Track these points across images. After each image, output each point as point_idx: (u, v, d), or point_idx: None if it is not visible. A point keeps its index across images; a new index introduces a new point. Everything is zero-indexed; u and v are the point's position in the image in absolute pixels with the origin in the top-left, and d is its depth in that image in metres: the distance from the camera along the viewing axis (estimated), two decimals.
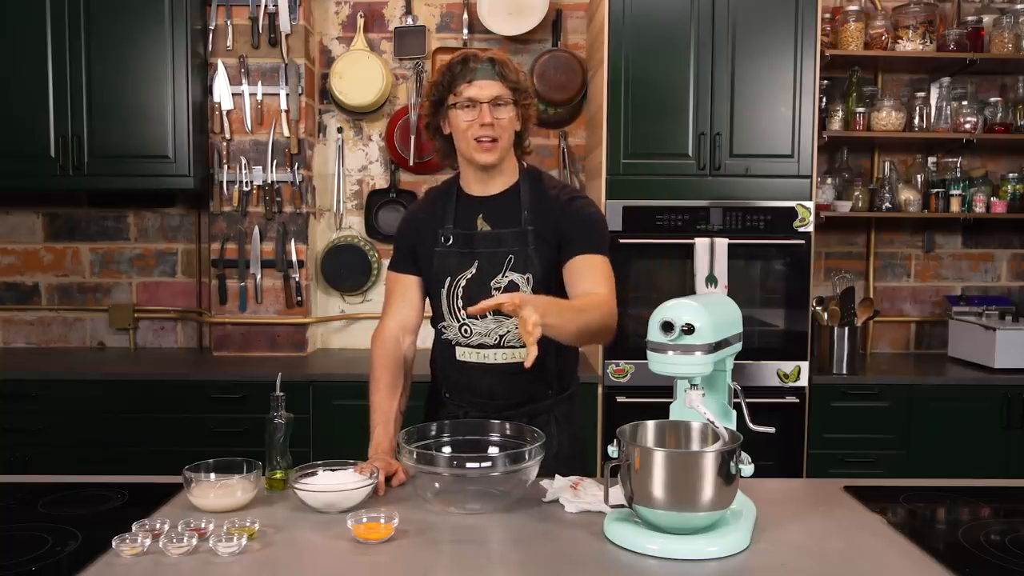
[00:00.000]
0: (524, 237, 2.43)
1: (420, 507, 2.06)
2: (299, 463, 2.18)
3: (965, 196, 4.57)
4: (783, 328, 4.17)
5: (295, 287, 4.58)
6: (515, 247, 2.43)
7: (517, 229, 2.44)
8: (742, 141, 4.10)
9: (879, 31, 4.44)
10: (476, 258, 2.44)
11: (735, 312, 2.09)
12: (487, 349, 2.46)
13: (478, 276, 2.44)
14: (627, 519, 1.88)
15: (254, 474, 2.10)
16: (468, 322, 2.46)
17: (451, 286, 2.46)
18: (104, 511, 2.06)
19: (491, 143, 2.38)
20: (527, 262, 2.41)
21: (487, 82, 2.36)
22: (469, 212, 2.50)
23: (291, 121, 4.50)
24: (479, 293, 2.41)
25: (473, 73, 2.36)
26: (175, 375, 4.17)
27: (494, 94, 2.36)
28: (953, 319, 4.70)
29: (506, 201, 2.50)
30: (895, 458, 4.15)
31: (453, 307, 2.47)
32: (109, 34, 4.25)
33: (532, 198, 2.49)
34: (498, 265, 2.43)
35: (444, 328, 2.52)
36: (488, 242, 2.45)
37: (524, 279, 2.42)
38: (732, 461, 1.78)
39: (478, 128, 2.37)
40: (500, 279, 2.43)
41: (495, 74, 2.37)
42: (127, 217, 4.87)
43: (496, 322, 2.43)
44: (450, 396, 2.59)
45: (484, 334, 2.45)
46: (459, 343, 2.49)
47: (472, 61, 2.38)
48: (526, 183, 2.52)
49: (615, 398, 4.09)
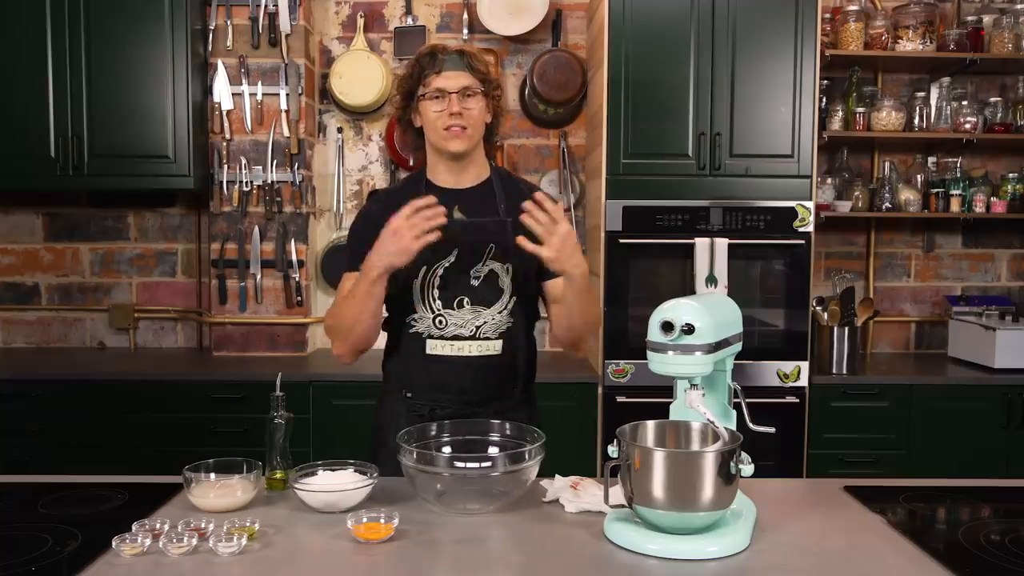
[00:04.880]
0: (504, 227, 2.43)
1: (420, 507, 2.06)
2: (299, 463, 2.18)
3: (965, 196, 4.57)
4: (783, 328, 4.17)
5: (295, 287, 4.58)
6: (496, 236, 2.43)
7: (498, 219, 2.45)
8: (742, 141, 4.10)
9: (879, 31, 4.44)
10: (455, 246, 2.42)
11: (735, 312, 2.09)
12: (462, 341, 2.44)
13: (457, 264, 2.42)
14: (627, 519, 1.88)
15: (254, 474, 2.09)
16: (444, 313, 2.43)
17: (427, 275, 2.42)
18: (104, 511, 2.06)
19: (460, 130, 2.39)
20: (507, 252, 2.41)
21: (455, 72, 2.38)
22: (443, 202, 2.40)
23: (291, 121, 4.50)
24: (458, 282, 2.42)
25: (441, 64, 2.38)
26: (175, 375, 4.18)
27: (463, 84, 2.38)
28: (953, 319, 4.69)
29: (480, 194, 2.51)
30: (895, 458, 4.15)
31: (427, 297, 2.43)
32: (109, 34, 4.26)
33: (506, 193, 2.51)
34: (479, 254, 2.43)
35: (414, 321, 2.46)
36: (468, 230, 2.44)
37: (504, 268, 2.43)
38: (732, 461, 1.78)
39: (447, 118, 2.38)
40: (480, 267, 2.43)
41: (463, 65, 2.39)
42: (127, 217, 4.87)
43: (473, 312, 2.43)
44: (412, 395, 2.51)
45: (460, 325, 2.43)
46: (431, 335, 2.45)
47: (440, 53, 2.40)
48: (498, 179, 2.55)
49: (615, 398, 4.09)
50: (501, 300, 2.45)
